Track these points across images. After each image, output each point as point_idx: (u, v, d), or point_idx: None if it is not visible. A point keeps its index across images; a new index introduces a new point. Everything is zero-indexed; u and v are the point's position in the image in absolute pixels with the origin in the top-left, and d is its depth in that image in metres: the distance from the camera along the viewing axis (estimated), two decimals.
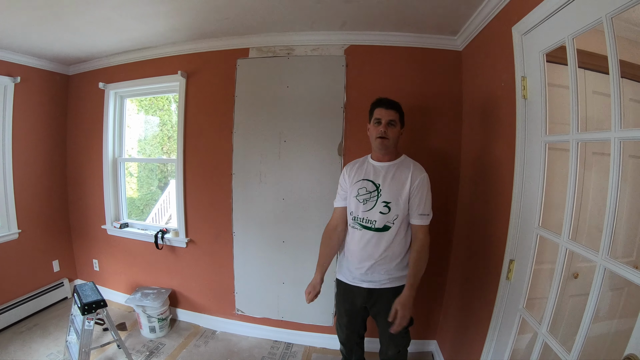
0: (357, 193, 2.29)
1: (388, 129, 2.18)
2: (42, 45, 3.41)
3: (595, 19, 1.35)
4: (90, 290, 2.85)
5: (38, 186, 3.99)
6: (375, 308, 2.37)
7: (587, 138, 1.58)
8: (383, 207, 2.19)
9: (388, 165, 2.27)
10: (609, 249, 1.33)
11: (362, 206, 2.26)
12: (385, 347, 2.42)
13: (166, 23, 2.96)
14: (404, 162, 2.27)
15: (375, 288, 2.29)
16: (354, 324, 2.55)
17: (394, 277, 2.28)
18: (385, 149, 2.23)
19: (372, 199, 2.24)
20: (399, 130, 2.23)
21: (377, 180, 2.24)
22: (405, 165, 2.24)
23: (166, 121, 5.39)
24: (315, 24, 2.90)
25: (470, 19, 2.57)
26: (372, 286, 2.29)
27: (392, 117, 2.19)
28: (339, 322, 2.62)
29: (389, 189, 2.20)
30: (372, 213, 2.23)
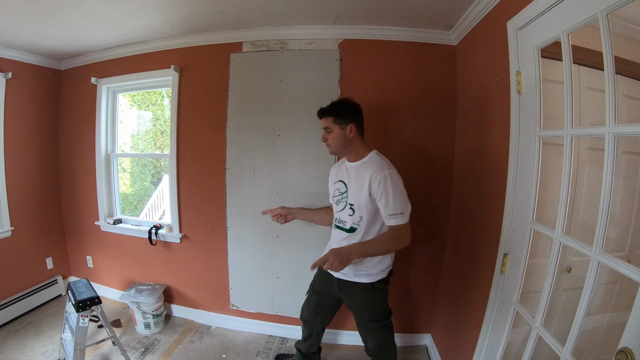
0: (333, 194, 2.36)
1: (327, 136, 2.23)
2: (34, 40, 3.36)
3: (590, 15, 1.36)
4: (84, 287, 2.83)
5: (30, 183, 3.95)
6: (347, 301, 2.41)
7: (581, 133, 1.59)
8: (349, 209, 2.23)
9: (353, 166, 2.27)
10: (603, 244, 1.34)
11: (335, 207, 2.33)
12: (364, 340, 2.45)
13: (159, 17, 2.93)
14: (368, 161, 2.22)
15: (344, 279, 2.31)
16: (322, 307, 2.61)
17: (363, 273, 2.25)
18: (334, 153, 2.29)
19: (342, 200, 2.28)
20: (338, 133, 2.20)
21: (348, 181, 2.26)
22: (367, 165, 2.19)
23: (159, 116, 5.35)
24: (309, 17, 2.89)
25: (465, 13, 2.57)
26: (341, 277, 2.31)
27: (324, 124, 2.24)
28: (308, 299, 2.69)
29: (352, 190, 2.22)
30: (343, 214, 2.28)
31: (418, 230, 3.16)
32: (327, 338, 3.35)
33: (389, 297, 2.43)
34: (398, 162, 3.03)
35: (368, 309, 2.34)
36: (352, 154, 2.27)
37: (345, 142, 2.21)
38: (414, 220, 3.18)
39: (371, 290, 2.26)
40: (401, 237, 2.10)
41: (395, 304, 3.26)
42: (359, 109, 2.27)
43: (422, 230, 3.17)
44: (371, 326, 2.32)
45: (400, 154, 3.08)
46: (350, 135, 2.19)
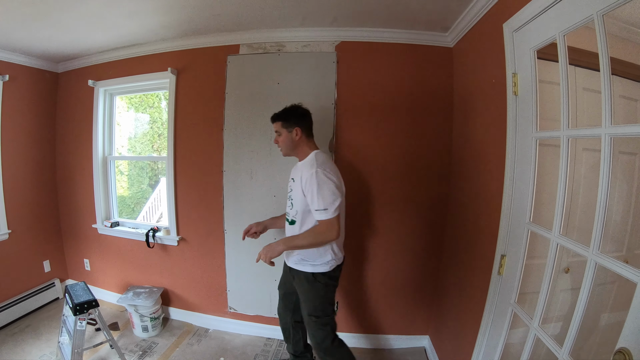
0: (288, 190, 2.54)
1: (277, 138, 2.43)
2: (31, 43, 3.36)
3: (586, 16, 1.36)
4: (81, 290, 2.82)
5: (28, 186, 3.94)
6: (297, 291, 2.51)
7: (578, 134, 1.59)
8: (290, 203, 2.44)
9: (299, 165, 2.44)
10: (600, 244, 1.34)
11: (287, 202, 2.51)
12: (308, 337, 2.56)
13: (156, 20, 2.93)
14: (307, 160, 2.36)
15: (293, 267, 2.43)
16: (288, 300, 2.73)
17: (307, 262, 2.35)
18: (285, 154, 2.47)
19: (289, 195, 2.48)
20: (285, 136, 2.37)
21: (295, 179, 2.41)
22: (305, 164, 2.34)
23: (156, 119, 5.35)
24: (306, 20, 2.89)
25: (462, 15, 2.57)
26: (292, 265, 2.45)
27: (275, 128, 2.43)
28: (278, 294, 2.83)
29: (294, 186, 2.37)
30: (287, 208, 2.51)
31: (415, 231, 3.18)
32: None
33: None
34: (394, 163, 3.06)
35: (308, 300, 2.40)
36: (299, 155, 2.43)
37: (292, 144, 2.38)
38: (413, 221, 3.20)
39: (313, 281, 2.33)
40: (323, 232, 2.17)
41: (393, 305, 3.28)
42: (305, 114, 2.42)
43: (420, 231, 3.18)
44: (310, 321, 2.39)
45: (397, 155, 3.10)
46: (296, 137, 2.35)
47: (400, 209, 3.17)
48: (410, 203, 3.16)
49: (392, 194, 3.15)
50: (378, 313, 3.36)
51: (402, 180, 3.13)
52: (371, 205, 3.19)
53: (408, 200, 3.16)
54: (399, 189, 3.14)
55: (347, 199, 3.16)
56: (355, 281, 3.32)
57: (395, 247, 3.23)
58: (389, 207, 3.18)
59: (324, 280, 2.34)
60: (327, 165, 2.27)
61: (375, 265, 3.27)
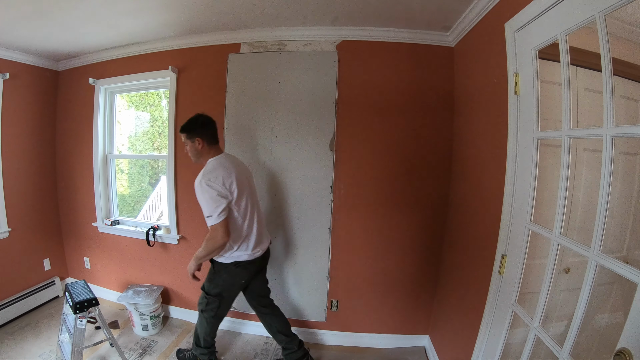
0: None
1: (186, 148, 2.58)
2: (32, 41, 3.36)
3: (588, 17, 1.36)
4: (81, 288, 2.83)
5: (28, 184, 3.95)
6: None
7: (579, 134, 1.59)
8: None
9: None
10: (601, 245, 1.34)
11: None
12: None
13: (157, 18, 2.93)
14: (202, 170, 2.49)
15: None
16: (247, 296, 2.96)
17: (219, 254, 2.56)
18: (195, 162, 2.61)
19: None
20: (190, 146, 2.52)
21: None
22: (200, 174, 2.46)
23: (157, 117, 5.35)
24: (307, 19, 2.89)
25: (463, 15, 2.57)
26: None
27: (183, 139, 2.57)
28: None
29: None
30: None
31: (416, 231, 3.18)
32: (315, 337, 3.36)
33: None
34: (395, 162, 3.06)
35: (207, 275, 2.72)
36: (203, 163, 2.56)
37: (197, 153, 2.53)
38: (413, 220, 3.20)
39: (214, 264, 2.62)
40: (211, 237, 2.36)
41: (393, 305, 3.28)
42: (206, 123, 2.53)
43: (420, 230, 3.18)
44: (202, 290, 2.71)
45: (397, 154, 3.09)
46: (199, 147, 2.50)
47: (400, 208, 3.17)
48: (410, 202, 3.16)
49: (393, 193, 3.15)
50: (378, 312, 3.36)
51: (402, 179, 3.13)
52: (371, 204, 3.19)
53: (408, 199, 3.15)
54: (400, 188, 3.14)
55: (347, 199, 3.17)
56: (355, 281, 3.32)
57: (395, 247, 3.23)
58: (388, 206, 3.17)
59: (219, 267, 2.60)
60: (214, 173, 2.38)
61: (375, 264, 3.27)
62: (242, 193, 2.47)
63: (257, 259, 2.65)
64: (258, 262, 2.69)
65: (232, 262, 2.54)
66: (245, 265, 2.58)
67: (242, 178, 2.52)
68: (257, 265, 2.70)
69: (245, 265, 2.59)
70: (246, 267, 2.60)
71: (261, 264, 2.79)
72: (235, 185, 2.41)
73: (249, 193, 2.56)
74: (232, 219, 2.44)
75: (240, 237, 2.53)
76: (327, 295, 3.36)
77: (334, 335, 3.42)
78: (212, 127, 2.55)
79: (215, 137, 2.58)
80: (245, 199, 2.50)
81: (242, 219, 2.50)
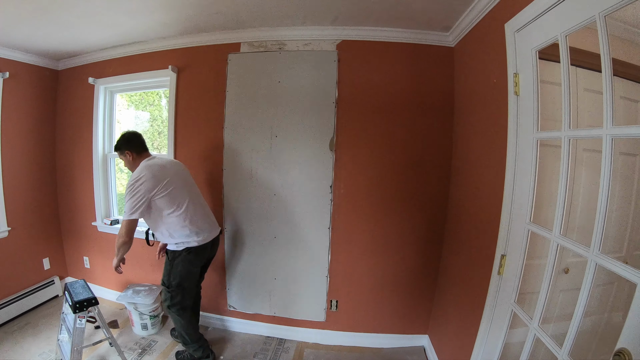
0: None
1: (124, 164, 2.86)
2: (32, 40, 3.35)
3: (588, 17, 1.36)
4: (81, 288, 2.83)
5: (27, 183, 3.94)
6: None
7: (579, 135, 1.59)
8: None
9: None
10: (600, 245, 1.34)
11: None
12: None
13: (156, 17, 2.92)
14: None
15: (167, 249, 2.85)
16: None
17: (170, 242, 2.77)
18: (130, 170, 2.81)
19: None
20: (125, 160, 2.80)
21: None
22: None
23: (156, 116, 5.33)
24: (307, 18, 2.89)
25: (463, 15, 2.57)
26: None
27: (119, 156, 2.84)
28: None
29: None
30: None
31: (415, 230, 3.18)
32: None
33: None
34: (394, 162, 3.06)
35: (163, 271, 2.84)
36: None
37: (131, 164, 2.78)
38: (413, 220, 3.21)
39: (168, 253, 2.79)
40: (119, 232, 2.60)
41: (392, 305, 3.28)
42: (130, 138, 2.79)
43: (420, 230, 3.18)
44: (163, 286, 2.82)
45: (397, 155, 3.09)
46: (130, 158, 2.77)
47: (399, 208, 3.17)
48: (410, 202, 3.16)
49: (392, 193, 3.15)
50: (377, 312, 3.36)
51: (402, 179, 3.13)
52: (371, 204, 3.19)
53: (408, 199, 3.16)
54: (399, 187, 3.14)
55: (346, 198, 3.18)
56: (354, 281, 3.32)
57: (395, 246, 3.23)
58: (388, 206, 3.18)
59: (171, 255, 2.76)
60: (139, 175, 2.55)
61: (375, 264, 3.27)
62: (173, 187, 2.64)
63: (206, 246, 2.82)
64: (207, 251, 2.89)
65: (183, 249, 2.71)
66: (197, 251, 2.76)
67: (172, 174, 2.69)
68: (207, 253, 2.91)
69: (197, 251, 2.76)
70: (198, 253, 2.78)
71: (210, 254, 2.99)
72: (163, 182, 2.59)
73: (182, 186, 2.74)
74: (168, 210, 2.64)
75: (184, 226, 2.69)
76: (326, 295, 3.36)
77: (334, 335, 3.42)
78: (137, 139, 2.81)
79: (143, 146, 2.82)
80: (180, 192, 2.69)
81: (179, 209, 2.66)
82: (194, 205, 2.77)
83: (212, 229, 2.90)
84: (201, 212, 2.84)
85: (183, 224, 2.67)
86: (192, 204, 2.76)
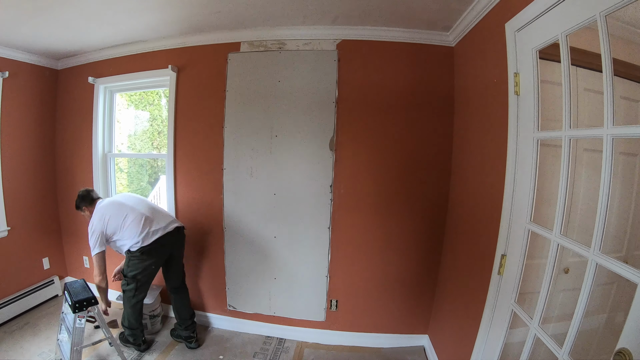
0: None
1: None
2: (31, 39, 3.35)
3: (589, 17, 1.36)
4: (80, 287, 2.82)
5: (27, 182, 3.94)
6: None
7: (580, 135, 1.59)
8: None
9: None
10: (601, 245, 1.34)
11: None
12: None
13: (156, 17, 2.92)
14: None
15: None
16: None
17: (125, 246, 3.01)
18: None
19: None
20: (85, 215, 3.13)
21: None
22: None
23: (156, 116, 5.34)
24: (307, 18, 2.89)
25: (463, 15, 2.57)
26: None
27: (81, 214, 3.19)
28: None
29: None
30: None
31: (415, 230, 3.18)
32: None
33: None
34: (395, 161, 3.07)
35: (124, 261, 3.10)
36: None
37: (89, 216, 3.03)
38: (413, 220, 3.21)
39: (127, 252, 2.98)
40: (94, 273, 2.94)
41: (392, 304, 3.28)
42: (83, 196, 3.14)
43: (419, 230, 3.18)
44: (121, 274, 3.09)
45: (397, 154, 3.09)
46: (88, 213, 3.07)
47: (399, 207, 3.17)
48: (410, 202, 3.16)
49: (392, 193, 3.15)
50: (377, 312, 3.36)
51: (402, 178, 3.13)
52: (371, 204, 3.19)
53: (408, 199, 3.16)
54: (400, 187, 3.14)
55: (346, 198, 3.19)
56: (354, 280, 3.32)
57: (395, 246, 3.23)
58: (388, 205, 3.18)
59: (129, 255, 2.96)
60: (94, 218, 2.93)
61: (374, 264, 3.27)
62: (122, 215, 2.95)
63: (157, 247, 2.96)
64: (162, 250, 3.03)
65: (137, 250, 2.90)
66: (148, 252, 2.92)
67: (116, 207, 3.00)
68: (163, 252, 3.06)
69: (149, 251, 2.92)
70: (150, 253, 2.93)
71: (168, 252, 3.11)
72: (108, 217, 2.92)
73: (129, 210, 2.99)
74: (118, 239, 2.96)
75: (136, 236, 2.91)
76: (326, 295, 3.36)
77: (333, 334, 3.42)
78: (87, 195, 3.14)
79: (92, 197, 3.14)
80: (127, 216, 2.95)
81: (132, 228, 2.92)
82: (143, 220, 2.96)
83: (158, 230, 3.01)
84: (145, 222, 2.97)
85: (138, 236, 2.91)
86: (141, 219, 2.96)
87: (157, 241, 2.94)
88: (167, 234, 3.02)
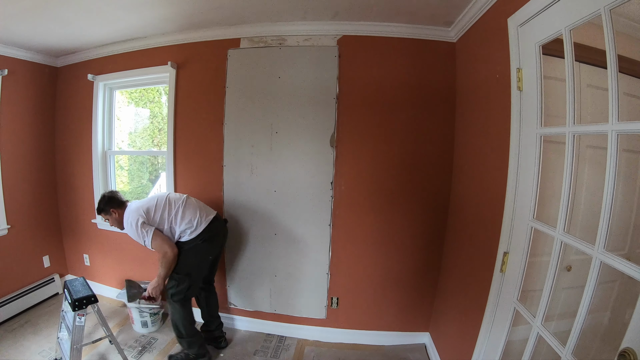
0: None
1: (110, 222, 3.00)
2: (30, 37, 3.34)
3: (593, 11, 1.34)
4: (80, 285, 2.81)
5: (27, 180, 3.93)
6: None
7: (584, 131, 1.57)
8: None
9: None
10: (605, 242, 1.32)
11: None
12: None
13: (155, 13, 2.91)
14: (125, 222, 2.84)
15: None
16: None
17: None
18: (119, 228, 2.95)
19: None
20: (110, 218, 2.95)
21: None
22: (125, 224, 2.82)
23: (156, 113, 5.31)
24: (308, 13, 2.87)
25: (465, 9, 2.55)
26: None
27: (104, 219, 3.07)
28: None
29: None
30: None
31: (417, 227, 3.16)
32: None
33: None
34: (396, 158, 3.05)
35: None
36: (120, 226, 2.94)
37: (118, 221, 2.92)
38: (415, 217, 3.19)
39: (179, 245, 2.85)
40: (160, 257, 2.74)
41: (394, 302, 3.27)
42: (111, 197, 2.94)
43: (422, 227, 3.17)
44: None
45: (399, 151, 3.08)
46: (117, 216, 2.90)
47: (401, 204, 3.16)
48: (411, 199, 3.14)
49: (394, 189, 3.14)
50: (378, 309, 3.35)
51: (404, 175, 3.11)
52: (372, 201, 3.18)
53: (409, 196, 3.14)
54: (401, 184, 3.12)
55: (347, 195, 3.17)
56: (355, 278, 3.31)
57: (396, 243, 3.22)
58: (389, 202, 3.16)
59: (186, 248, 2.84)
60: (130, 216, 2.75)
61: (375, 261, 3.26)
62: (159, 211, 2.82)
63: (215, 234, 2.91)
64: (217, 240, 2.97)
65: (196, 237, 2.81)
66: (210, 238, 2.86)
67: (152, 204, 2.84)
68: (219, 241, 3.02)
69: (210, 238, 2.86)
70: (212, 240, 2.88)
71: (221, 241, 3.06)
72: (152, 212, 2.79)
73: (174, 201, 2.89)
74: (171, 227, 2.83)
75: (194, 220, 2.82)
76: (327, 292, 3.35)
77: (334, 332, 3.41)
78: (116, 196, 2.97)
79: (121, 199, 2.97)
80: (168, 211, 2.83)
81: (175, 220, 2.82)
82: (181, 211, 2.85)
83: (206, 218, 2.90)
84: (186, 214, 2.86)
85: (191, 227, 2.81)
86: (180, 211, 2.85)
87: (215, 227, 2.92)
88: (223, 220, 3.07)
